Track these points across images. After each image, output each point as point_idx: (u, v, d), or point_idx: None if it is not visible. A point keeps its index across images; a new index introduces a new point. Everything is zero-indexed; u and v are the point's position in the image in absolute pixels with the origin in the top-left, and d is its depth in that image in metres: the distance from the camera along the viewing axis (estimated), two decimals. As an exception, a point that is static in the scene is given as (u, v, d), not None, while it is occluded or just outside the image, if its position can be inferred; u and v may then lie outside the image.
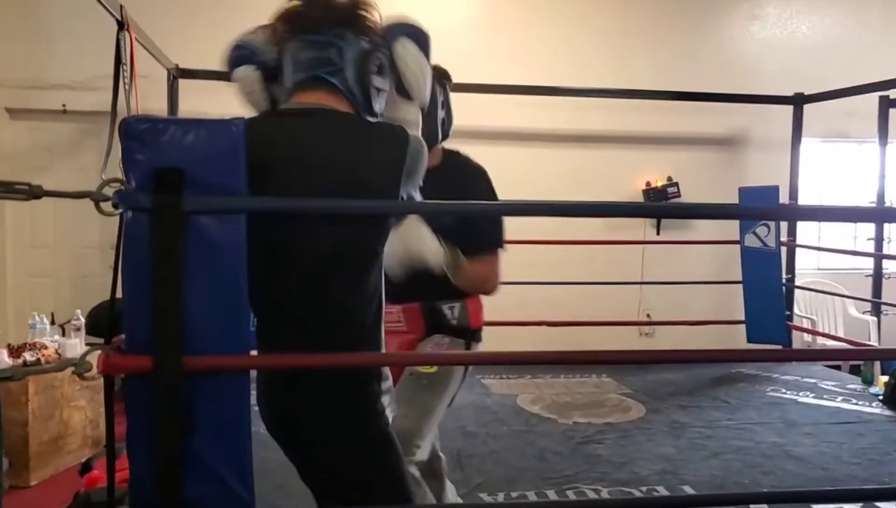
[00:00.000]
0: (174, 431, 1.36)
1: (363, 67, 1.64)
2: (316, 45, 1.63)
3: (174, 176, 1.37)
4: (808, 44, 7.34)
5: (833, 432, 4.38)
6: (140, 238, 1.36)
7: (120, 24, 3.63)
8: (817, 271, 7.38)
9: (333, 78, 1.63)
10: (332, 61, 1.62)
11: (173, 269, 1.36)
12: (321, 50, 1.63)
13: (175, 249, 1.36)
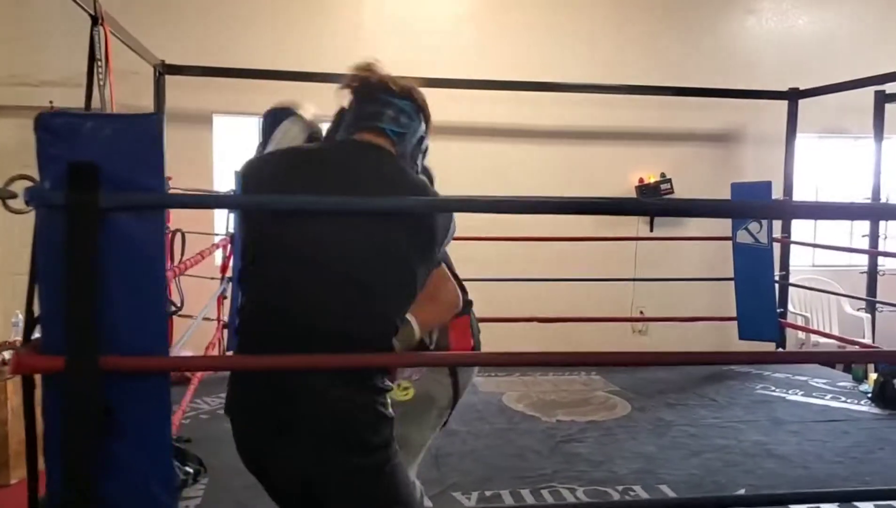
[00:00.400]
0: (86, 432, 1.33)
1: (419, 145, 1.94)
2: (388, 104, 1.87)
3: (89, 172, 1.34)
4: (804, 39, 7.28)
5: (818, 430, 4.33)
6: (54, 236, 1.34)
7: (94, 18, 3.61)
8: (812, 268, 7.31)
9: (395, 136, 1.86)
10: (399, 123, 1.87)
11: (87, 267, 1.33)
12: (392, 110, 1.87)
13: (89, 247, 1.33)
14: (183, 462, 3.41)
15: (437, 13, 6.91)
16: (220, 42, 6.38)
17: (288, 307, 1.63)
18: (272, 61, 6.07)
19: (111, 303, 1.36)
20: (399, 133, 1.85)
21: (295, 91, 6.21)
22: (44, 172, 1.36)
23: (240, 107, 6.60)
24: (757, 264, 5.67)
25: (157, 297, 1.40)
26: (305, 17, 6.66)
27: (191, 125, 6.43)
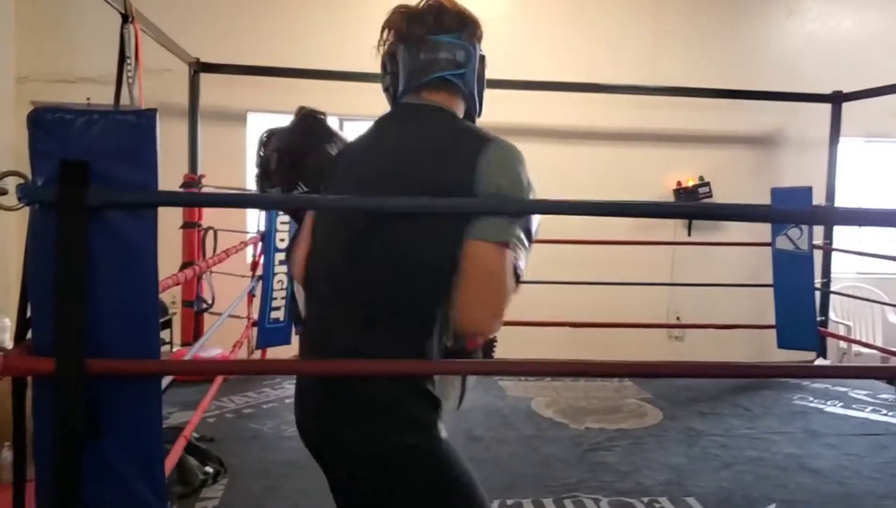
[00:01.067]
0: (73, 434, 1.30)
1: (482, 70, 1.75)
2: (444, 46, 1.68)
3: (79, 169, 1.31)
4: (848, 40, 7.07)
5: (856, 444, 4.17)
6: (44, 234, 1.31)
7: (124, 16, 3.62)
8: (856, 276, 7.10)
9: (457, 79, 1.69)
10: (458, 63, 1.69)
11: (75, 266, 1.30)
12: (448, 51, 1.69)
13: (78, 245, 1.30)
14: (203, 462, 3.40)
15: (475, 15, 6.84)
16: (255, 40, 6.40)
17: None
18: (307, 59, 6.07)
19: (101, 303, 1.33)
20: (460, 75, 1.70)
21: (330, 89, 6.26)
22: (36, 169, 1.33)
23: (274, 105, 6.61)
24: (797, 271, 5.50)
25: (148, 298, 1.36)
26: (341, 16, 6.65)
27: (225, 123, 6.46)
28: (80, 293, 1.30)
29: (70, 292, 1.30)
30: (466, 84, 1.71)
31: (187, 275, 3.27)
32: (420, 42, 1.68)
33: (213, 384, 4.21)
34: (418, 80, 1.69)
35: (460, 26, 1.72)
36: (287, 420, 4.30)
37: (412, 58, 1.68)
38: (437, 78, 1.68)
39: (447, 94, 1.70)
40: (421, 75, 1.68)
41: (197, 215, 5.46)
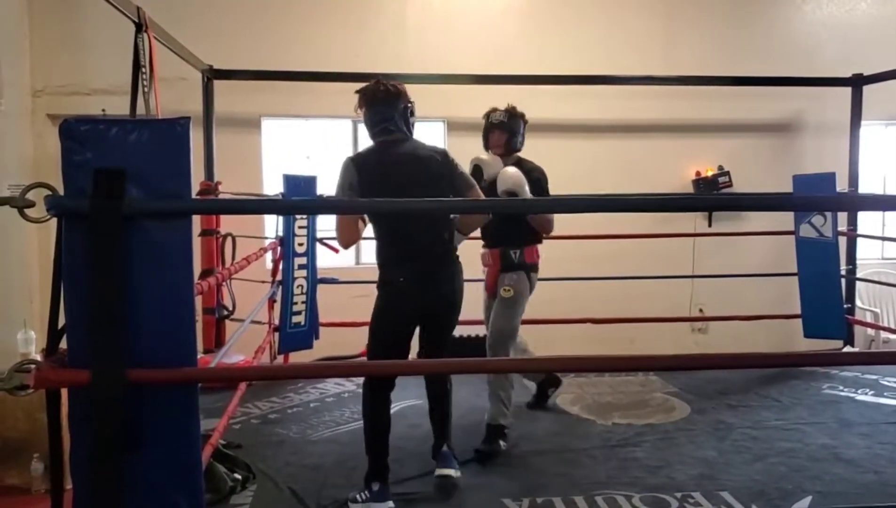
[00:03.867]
0: (113, 446, 1.28)
1: (406, 118, 3.29)
2: (387, 110, 3.25)
3: (114, 178, 1.30)
4: (867, 22, 6.98)
5: (890, 432, 4.11)
6: (78, 245, 1.30)
7: (138, 26, 3.62)
8: (881, 261, 7.02)
9: (393, 127, 3.24)
10: (394, 119, 3.24)
11: (113, 276, 1.29)
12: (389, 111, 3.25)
13: (114, 255, 1.29)
14: (231, 469, 3.39)
15: (483, 9, 6.82)
16: (267, 45, 6.40)
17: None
18: (319, 63, 6.07)
19: (138, 313, 1.32)
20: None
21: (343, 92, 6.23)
22: (68, 180, 1.32)
23: (288, 110, 6.62)
24: (822, 259, 5.43)
25: (184, 305, 1.36)
26: (352, 18, 6.64)
27: (240, 129, 6.47)
28: (118, 304, 1.29)
29: (108, 302, 1.28)
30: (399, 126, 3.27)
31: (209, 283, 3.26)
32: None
33: (237, 390, 4.20)
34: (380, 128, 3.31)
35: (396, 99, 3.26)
36: (312, 425, 4.29)
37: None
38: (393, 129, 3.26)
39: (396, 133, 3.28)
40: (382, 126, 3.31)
41: (215, 222, 5.46)
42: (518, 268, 3.95)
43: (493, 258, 4.01)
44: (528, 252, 3.96)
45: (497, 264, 3.99)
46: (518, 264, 3.95)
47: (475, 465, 3.68)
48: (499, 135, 3.96)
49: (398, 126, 3.20)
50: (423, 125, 6.97)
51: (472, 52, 6.63)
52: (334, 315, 5.82)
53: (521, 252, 3.94)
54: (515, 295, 3.92)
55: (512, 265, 3.95)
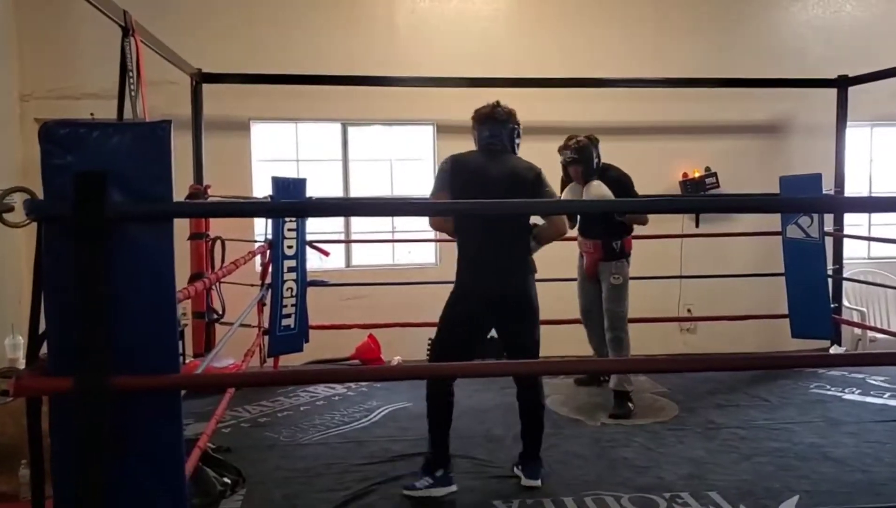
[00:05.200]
0: (96, 454, 1.28)
1: (511, 137, 3.56)
2: (497, 127, 3.53)
3: (95, 182, 1.30)
4: (852, 23, 7.04)
5: (877, 431, 4.14)
6: (59, 249, 1.30)
7: (124, 30, 3.61)
8: (868, 261, 7.06)
9: (499, 144, 3.53)
10: (500, 136, 3.53)
11: (95, 281, 1.29)
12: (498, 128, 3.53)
13: (95, 259, 1.29)
14: (221, 473, 3.38)
15: (472, 13, 6.84)
16: (256, 49, 6.41)
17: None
18: (308, 66, 6.07)
19: (120, 319, 1.31)
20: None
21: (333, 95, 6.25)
22: (48, 184, 1.32)
23: (277, 113, 6.62)
24: (808, 259, 5.47)
25: (167, 310, 1.35)
26: (341, 22, 6.65)
27: (229, 133, 6.46)
28: (99, 310, 1.28)
29: (89, 308, 1.28)
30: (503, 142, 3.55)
31: (198, 287, 3.26)
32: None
33: (227, 394, 4.19)
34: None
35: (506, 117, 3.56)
36: (303, 428, 4.29)
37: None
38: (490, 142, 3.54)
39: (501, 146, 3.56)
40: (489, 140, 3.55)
41: (204, 226, 5.45)
42: (620, 256, 4.53)
43: (595, 248, 4.59)
44: (627, 242, 4.58)
45: (598, 253, 4.57)
46: (619, 252, 4.53)
47: (469, 468, 3.68)
48: (575, 169, 4.52)
49: (503, 143, 3.51)
50: (413, 128, 7.00)
51: (462, 55, 6.64)
52: (324, 318, 5.82)
53: (622, 242, 4.53)
54: (623, 281, 4.51)
55: (614, 254, 4.52)
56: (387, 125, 7.00)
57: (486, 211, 2.92)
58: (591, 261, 4.65)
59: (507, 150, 3.52)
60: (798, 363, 4.55)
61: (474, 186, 3.35)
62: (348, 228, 7.06)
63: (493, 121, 3.50)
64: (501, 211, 2.97)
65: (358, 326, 5.98)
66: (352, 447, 3.99)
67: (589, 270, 4.69)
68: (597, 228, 4.55)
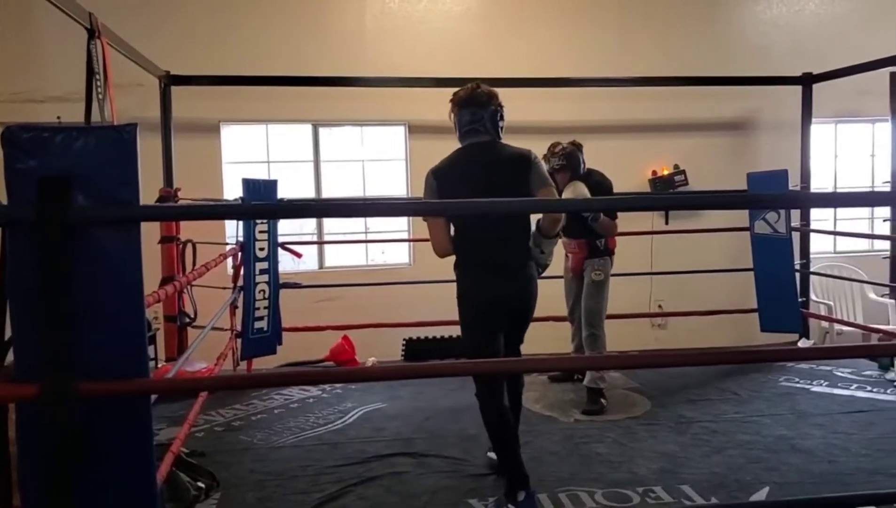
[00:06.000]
0: (64, 461, 1.27)
1: (495, 121, 3.34)
2: (477, 112, 3.32)
3: (60, 186, 1.29)
4: (815, 21, 7.16)
5: (844, 422, 4.22)
6: (23, 255, 1.29)
7: (90, 32, 3.58)
8: (834, 255, 7.18)
9: (482, 128, 3.32)
10: (482, 120, 3.31)
11: (60, 287, 1.28)
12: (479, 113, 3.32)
13: (61, 264, 1.28)
14: (194, 477, 3.36)
15: (442, 13, 6.85)
16: (225, 50, 6.37)
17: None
18: (278, 67, 6.05)
19: (87, 324, 1.31)
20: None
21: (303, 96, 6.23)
22: (12, 189, 1.31)
23: (247, 114, 6.59)
24: (776, 254, 5.56)
25: (135, 315, 1.35)
26: (311, 23, 6.63)
27: (199, 135, 6.42)
28: (65, 315, 1.28)
29: (55, 314, 1.27)
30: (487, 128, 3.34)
31: (169, 291, 3.23)
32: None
33: (200, 397, 4.17)
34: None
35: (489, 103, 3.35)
36: (277, 431, 4.28)
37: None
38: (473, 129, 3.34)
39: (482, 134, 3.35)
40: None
41: (175, 229, 5.41)
42: (603, 254, 4.65)
43: (580, 247, 4.69)
44: (610, 240, 4.70)
45: (584, 251, 4.67)
46: (603, 250, 4.65)
47: (445, 468, 3.70)
48: (562, 176, 4.55)
49: (486, 127, 3.30)
50: (385, 129, 7.00)
51: (432, 55, 6.65)
52: (298, 320, 5.80)
53: (605, 240, 4.65)
54: (605, 278, 4.63)
55: (598, 252, 4.64)
56: (358, 126, 6.99)
57: (459, 211, 2.93)
58: (576, 260, 4.75)
59: (490, 135, 3.31)
60: (767, 357, 4.60)
61: (467, 192, 3.10)
62: (321, 229, 7.04)
63: (474, 104, 3.28)
64: (468, 211, 2.91)
65: (332, 327, 5.97)
66: (326, 449, 3.98)
67: (575, 269, 4.78)
68: (579, 227, 4.58)
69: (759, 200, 4.63)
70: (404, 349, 6.18)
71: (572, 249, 4.77)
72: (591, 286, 4.63)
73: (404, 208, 4.72)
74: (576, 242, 4.71)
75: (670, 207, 6.24)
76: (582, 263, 4.70)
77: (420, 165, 3.71)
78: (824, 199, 4.20)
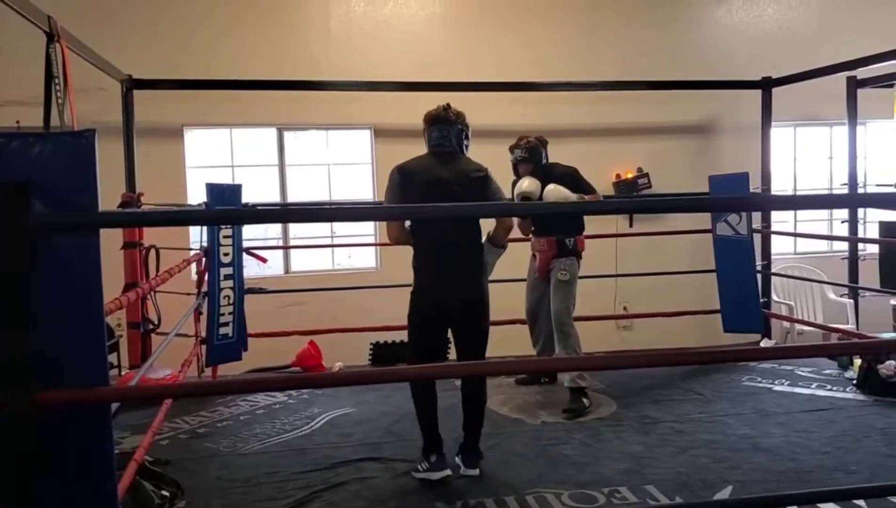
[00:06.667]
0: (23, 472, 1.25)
1: (460, 138, 3.73)
2: (445, 128, 3.69)
3: (16, 192, 1.27)
4: (774, 27, 7.29)
5: (805, 420, 4.29)
6: (-20, 263, 1.27)
7: (49, 35, 3.52)
8: (795, 256, 7.31)
9: (447, 144, 3.68)
10: (449, 137, 3.68)
11: (18, 295, 1.26)
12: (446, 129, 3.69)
13: (18, 272, 1.26)
14: (159, 485, 3.32)
15: (407, 16, 6.86)
16: (189, 54, 6.32)
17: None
18: (242, 71, 6.01)
19: (45, 332, 1.29)
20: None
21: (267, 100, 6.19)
22: (-32, 196, 1.28)
23: (211, 118, 6.54)
24: (738, 255, 5.64)
25: (94, 322, 1.33)
26: (275, 26, 6.61)
27: (162, 139, 6.36)
28: (23, 323, 1.26)
29: (13, 322, 1.26)
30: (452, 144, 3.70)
31: (131, 297, 3.20)
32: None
33: (164, 405, 4.12)
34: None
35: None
36: (243, 438, 4.24)
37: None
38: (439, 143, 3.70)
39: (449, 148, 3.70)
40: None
41: (138, 235, 5.34)
42: (571, 254, 4.66)
43: (549, 245, 4.69)
44: (580, 241, 4.70)
45: (552, 250, 4.68)
46: (571, 250, 4.67)
47: (406, 470, 3.69)
48: (524, 167, 4.68)
49: (451, 144, 3.67)
50: (351, 132, 6.98)
51: (398, 59, 6.66)
52: (263, 326, 5.76)
53: (574, 240, 4.67)
54: (571, 278, 4.63)
55: (566, 251, 4.65)
56: (323, 130, 6.97)
57: (417, 215, 3.13)
58: (543, 259, 4.75)
59: (455, 151, 3.68)
60: (730, 357, 4.67)
61: (426, 192, 3.49)
62: (286, 233, 7.00)
63: (443, 122, 3.67)
64: (433, 214, 3.11)
65: (298, 332, 5.93)
66: (293, 455, 3.96)
67: (542, 268, 4.78)
68: (552, 226, 4.66)
69: (722, 203, 4.69)
70: (371, 353, 6.17)
71: (541, 247, 4.76)
72: (557, 286, 4.65)
73: (371, 214, 4.73)
74: (545, 240, 4.71)
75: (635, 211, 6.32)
76: (549, 262, 4.71)
77: (386, 169, 3.71)
78: (785, 202, 4.27)
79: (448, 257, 3.57)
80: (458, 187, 3.53)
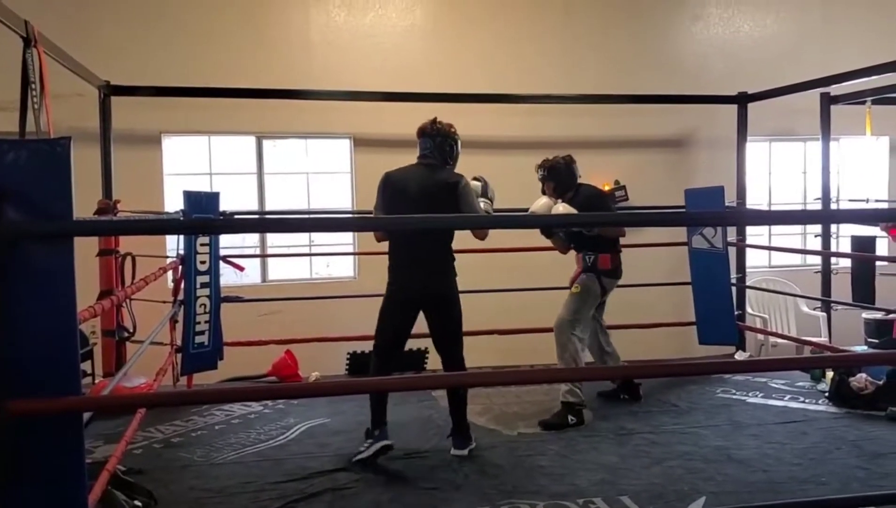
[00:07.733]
0: (-7, 478, 1.25)
1: (443, 150, 4.02)
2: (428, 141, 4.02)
3: (-9, 201, 1.27)
4: (749, 43, 7.40)
5: (778, 432, 4.34)
6: (-48, 270, 1.26)
7: (26, 41, 3.50)
8: (769, 269, 7.39)
9: (430, 155, 4.01)
10: (431, 148, 4.01)
11: (-9, 302, 1.26)
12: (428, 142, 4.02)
13: (-8, 280, 1.25)
14: (131, 495, 3.29)
15: (387, 27, 6.89)
16: (168, 61, 6.30)
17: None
18: (221, 79, 5.99)
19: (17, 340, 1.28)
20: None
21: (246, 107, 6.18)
22: (-59, 203, 1.28)
23: (189, 126, 6.51)
24: (713, 268, 5.70)
25: (67, 331, 1.33)
26: (255, 34, 6.60)
27: (139, 146, 6.33)
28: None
29: (-16, 329, 1.25)
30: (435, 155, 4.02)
31: (106, 305, 3.17)
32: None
33: (137, 414, 4.09)
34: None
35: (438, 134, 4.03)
36: (217, 447, 4.21)
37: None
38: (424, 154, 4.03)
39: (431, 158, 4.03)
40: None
41: (114, 242, 5.30)
42: (590, 270, 4.79)
43: (578, 261, 4.90)
44: (602, 259, 4.77)
45: (579, 265, 4.88)
46: (591, 266, 4.79)
47: (385, 484, 3.69)
48: (547, 186, 4.89)
49: (434, 155, 4.00)
50: (330, 142, 6.98)
51: (378, 69, 6.68)
52: (240, 334, 5.73)
53: (595, 258, 4.78)
54: (581, 292, 4.75)
55: (587, 268, 4.81)
56: (303, 138, 6.97)
57: (390, 227, 3.62)
58: (575, 274, 4.90)
59: (438, 162, 4.00)
60: (705, 370, 4.71)
61: (397, 199, 3.89)
62: (264, 242, 6.98)
63: (426, 135, 4.02)
64: (398, 227, 3.51)
65: (274, 341, 5.90)
66: (268, 465, 3.94)
67: (571, 282, 4.90)
68: (579, 243, 4.85)
69: (700, 219, 4.75)
70: (348, 363, 6.15)
71: (577, 261, 4.94)
72: (567, 298, 4.79)
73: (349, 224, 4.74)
74: (577, 256, 4.91)
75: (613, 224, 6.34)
76: (577, 277, 4.85)
77: (365, 178, 3.78)
78: (761, 217, 4.34)
79: (418, 258, 3.91)
80: (425, 196, 3.84)
